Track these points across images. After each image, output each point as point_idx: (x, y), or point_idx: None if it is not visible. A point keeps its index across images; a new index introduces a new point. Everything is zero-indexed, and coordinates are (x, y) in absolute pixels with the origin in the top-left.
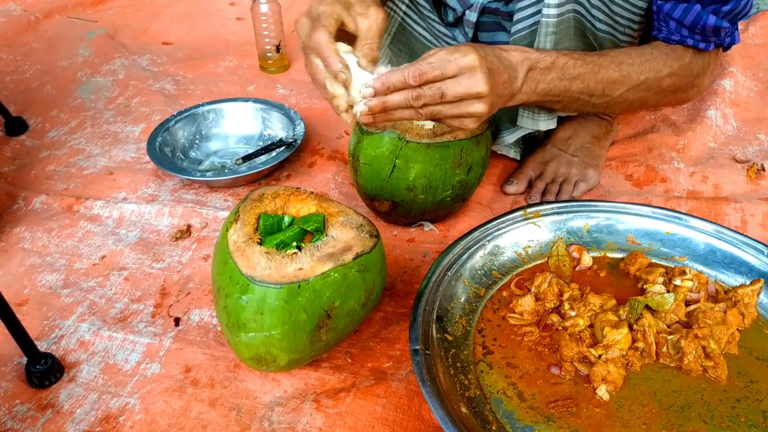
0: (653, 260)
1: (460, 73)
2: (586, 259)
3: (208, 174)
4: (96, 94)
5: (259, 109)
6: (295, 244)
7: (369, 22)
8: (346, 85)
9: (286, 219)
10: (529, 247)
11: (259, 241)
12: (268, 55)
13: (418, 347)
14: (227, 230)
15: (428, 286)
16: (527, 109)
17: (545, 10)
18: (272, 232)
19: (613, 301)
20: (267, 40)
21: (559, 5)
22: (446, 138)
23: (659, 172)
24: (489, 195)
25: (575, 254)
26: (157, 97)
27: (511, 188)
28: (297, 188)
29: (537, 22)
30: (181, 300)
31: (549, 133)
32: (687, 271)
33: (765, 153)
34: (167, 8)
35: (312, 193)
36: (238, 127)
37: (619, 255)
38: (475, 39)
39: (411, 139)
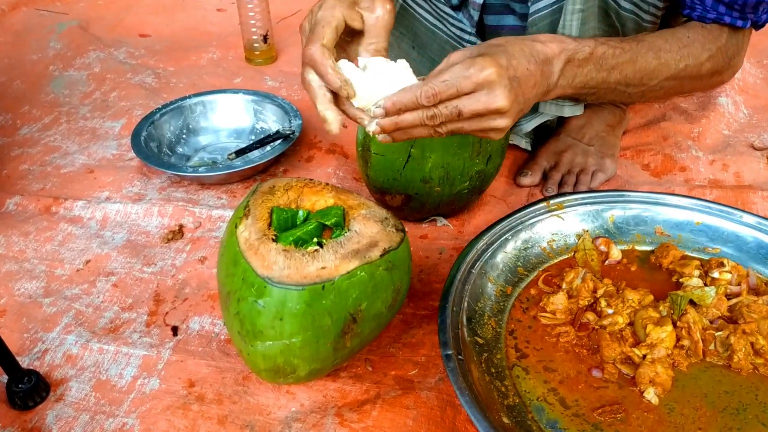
0: (686, 252)
1: (477, 90)
2: (615, 253)
3: (200, 170)
4: (70, 88)
5: (250, 101)
6: (315, 240)
7: (375, 16)
8: (349, 97)
9: (301, 213)
10: (553, 241)
11: (274, 237)
12: (255, 45)
13: (451, 352)
14: (236, 227)
15: (453, 285)
16: None
17: None
18: (286, 228)
19: (651, 297)
20: (254, 30)
21: None
22: None
23: (677, 161)
24: (502, 187)
25: (602, 248)
26: (138, 90)
27: (525, 180)
28: (311, 179)
29: (560, 0)
30: (177, 307)
31: (562, 122)
32: (725, 262)
33: None
34: (141, 0)
35: (328, 184)
36: (228, 120)
37: (649, 247)
38: (480, 22)
39: None
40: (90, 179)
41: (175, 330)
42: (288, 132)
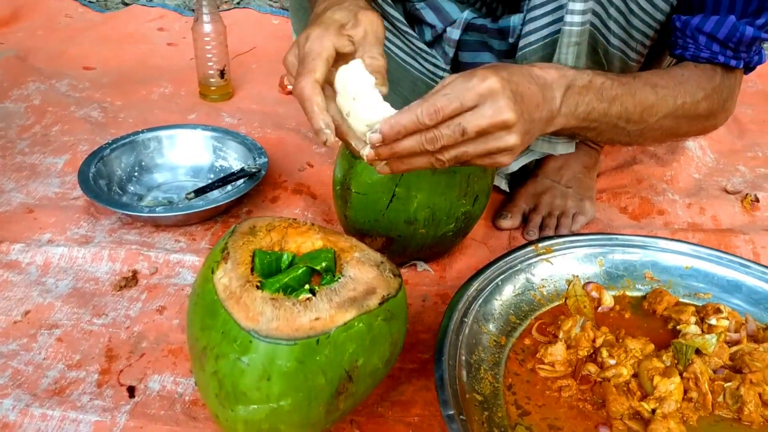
0: (678, 298)
1: (481, 102)
2: (607, 299)
3: (157, 209)
4: (6, 121)
5: (210, 137)
6: (307, 287)
7: (361, 30)
8: (326, 142)
9: (286, 256)
10: (543, 286)
11: (258, 284)
12: (211, 80)
13: (452, 412)
14: (212, 272)
15: (447, 336)
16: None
17: (568, 17)
18: (270, 274)
19: (652, 346)
20: (210, 63)
21: (583, 12)
22: None
23: (655, 204)
24: (481, 230)
25: (594, 294)
26: (82, 125)
27: (505, 223)
28: (294, 219)
29: (554, 33)
30: (133, 364)
31: (539, 163)
32: (722, 308)
33: (750, 183)
34: (85, 31)
35: (314, 224)
36: (185, 157)
37: (639, 293)
38: (455, 59)
39: None
40: (29, 220)
41: (131, 391)
42: (254, 170)
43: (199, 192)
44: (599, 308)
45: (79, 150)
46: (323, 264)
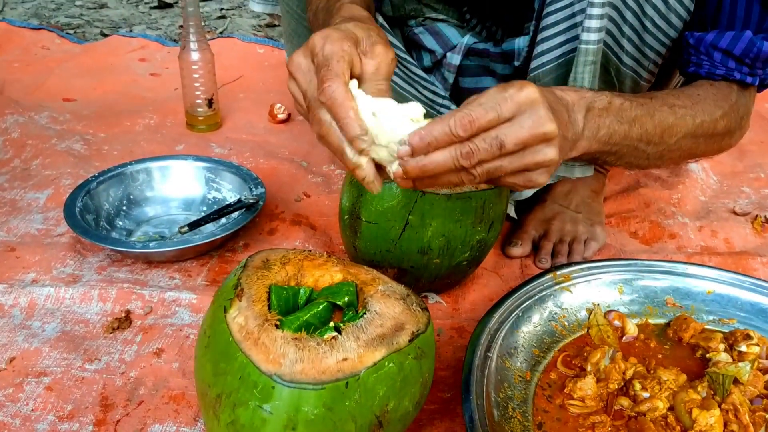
0: (704, 325)
1: (519, 113)
2: (631, 328)
3: (151, 245)
4: None
5: (202, 168)
6: (332, 324)
7: (375, 62)
8: (362, 152)
9: (303, 291)
10: (564, 316)
11: (277, 323)
12: (199, 110)
13: None
14: (225, 311)
15: (472, 373)
16: None
17: (584, 35)
18: (287, 311)
19: (684, 376)
20: (198, 93)
21: (599, 30)
22: (467, 188)
23: (665, 228)
24: (492, 259)
25: (617, 323)
26: (65, 158)
27: (516, 250)
28: (309, 251)
29: (567, 53)
30: (131, 413)
31: (547, 188)
32: (751, 334)
33: (757, 205)
34: (64, 63)
35: (331, 256)
36: (176, 189)
37: (662, 320)
38: (455, 85)
39: (428, 190)
40: (11, 259)
41: None
42: (251, 200)
43: (193, 225)
44: (623, 338)
45: (62, 184)
46: (345, 298)
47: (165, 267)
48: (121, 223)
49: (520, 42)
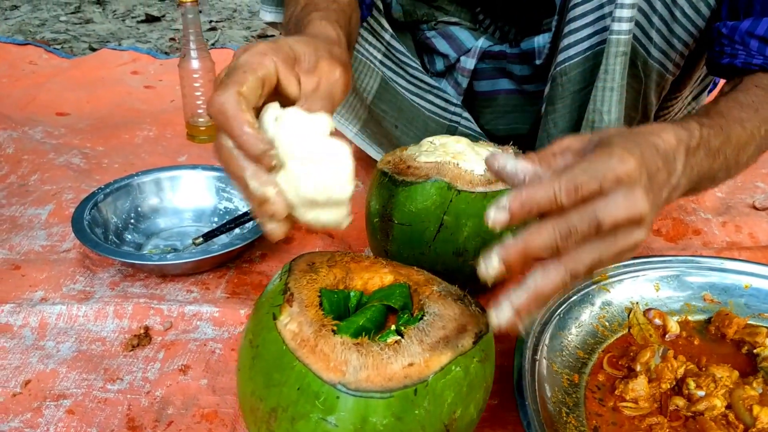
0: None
1: (615, 189)
2: (673, 326)
3: (168, 257)
4: None
5: (212, 177)
6: (394, 327)
7: (315, 80)
8: (272, 168)
9: (353, 295)
10: (603, 316)
11: (334, 329)
12: (200, 120)
13: None
14: (274, 318)
15: (523, 378)
16: None
17: (615, 25)
18: (339, 316)
19: (736, 373)
20: (199, 102)
21: (630, 19)
22: (502, 185)
23: (689, 225)
24: None
25: (657, 321)
26: (64, 172)
27: None
28: (353, 253)
29: (595, 45)
30: None
31: None
32: None
33: None
34: (54, 77)
35: (378, 257)
36: (185, 200)
37: (701, 316)
38: (470, 88)
39: (463, 188)
40: (16, 277)
41: None
42: None
43: (208, 236)
44: (666, 336)
45: (63, 199)
46: (400, 301)
47: (181, 280)
48: (130, 236)
49: (540, 40)
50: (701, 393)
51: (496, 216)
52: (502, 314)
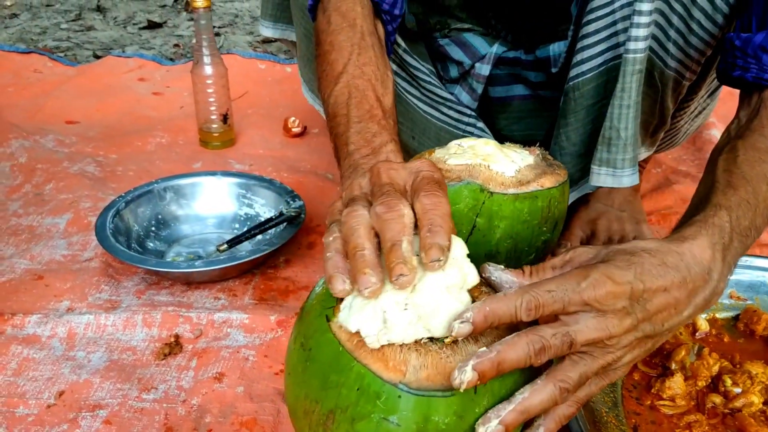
0: None
1: (583, 310)
2: (703, 324)
3: (197, 264)
4: None
5: (234, 183)
6: None
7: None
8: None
9: None
10: None
11: None
12: (213, 126)
13: None
14: (327, 320)
15: None
16: (606, 164)
17: (632, 45)
18: None
19: None
20: (212, 108)
21: (646, 38)
22: (533, 187)
23: None
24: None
25: None
26: (79, 180)
27: None
28: None
29: (608, 60)
30: None
31: None
32: None
33: None
34: (61, 85)
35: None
36: (206, 207)
37: (728, 313)
38: (485, 94)
39: (496, 190)
40: (40, 287)
41: None
42: (293, 213)
43: (233, 243)
44: (696, 334)
45: (81, 207)
46: None
47: (207, 288)
48: (152, 244)
49: (555, 48)
50: (738, 390)
51: (459, 329)
52: (464, 376)
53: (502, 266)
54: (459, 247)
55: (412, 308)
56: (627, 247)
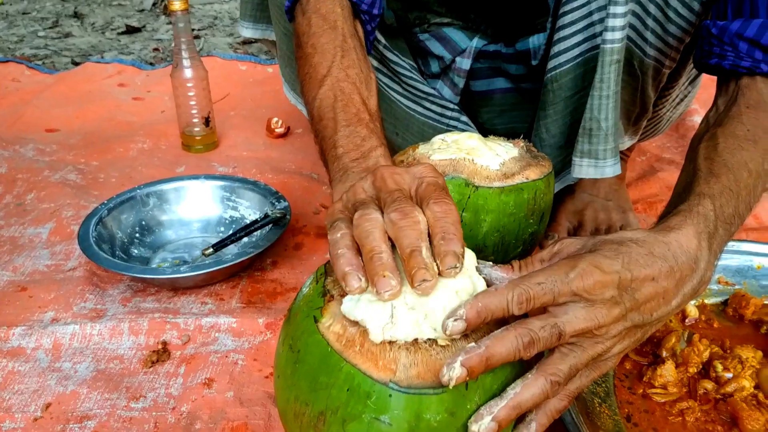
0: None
1: (572, 300)
2: (692, 310)
3: (182, 269)
4: None
5: (217, 186)
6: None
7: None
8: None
9: None
10: None
11: None
12: (195, 130)
13: None
14: (314, 321)
15: None
16: (587, 155)
17: (609, 35)
18: None
19: (760, 353)
20: (193, 111)
21: (623, 27)
22: (518, 179)
23: None
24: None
25: None
26: (61, 189)
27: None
28: None
29: (585, 51)
30: None
31: None
32: None
33: None
34: (39, 94)
35: None
36: (190, 211)
37: (717, 299)
38: (466, 88)
39: (481, 184)
40: (24, 299)
41: None
42: (278, 215)
43: (218, 246)
44: (686, 320)
45: (63, 216)
46: None
47: (193, 293)
48: (136, 251)
49: (535, 40)
50: (729, 375)
51: (453, 327)
52: (453, 372)
53: (491, 262)
54: (469, 257)
55: (420, 308)
56: (614, 238)
